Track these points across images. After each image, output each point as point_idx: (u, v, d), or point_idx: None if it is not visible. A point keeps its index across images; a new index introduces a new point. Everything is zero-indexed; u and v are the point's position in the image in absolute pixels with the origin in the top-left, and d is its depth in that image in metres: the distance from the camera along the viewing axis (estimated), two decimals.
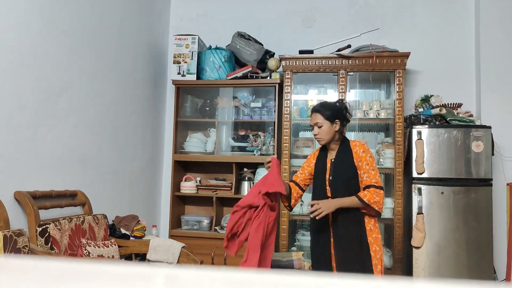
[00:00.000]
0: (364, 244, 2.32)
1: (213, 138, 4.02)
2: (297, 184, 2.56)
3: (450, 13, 4.01)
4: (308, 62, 3.66)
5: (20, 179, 2.44)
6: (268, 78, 3.86)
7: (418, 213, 3.33)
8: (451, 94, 3.79)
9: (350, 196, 2.33)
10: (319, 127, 2.45)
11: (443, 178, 3.36)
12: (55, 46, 2.72)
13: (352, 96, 3.80)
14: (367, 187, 2.32)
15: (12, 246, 2.03)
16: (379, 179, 2.35)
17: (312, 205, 2.32)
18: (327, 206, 2.31)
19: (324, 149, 2.53)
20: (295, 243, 3.73)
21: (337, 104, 2.52)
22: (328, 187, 2.42)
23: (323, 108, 2.47)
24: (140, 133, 3.89)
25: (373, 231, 2.35)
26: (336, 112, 2.45)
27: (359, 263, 2.31)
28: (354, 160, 2.38)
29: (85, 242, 2.57)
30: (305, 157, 3.77)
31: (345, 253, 2.36)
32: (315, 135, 2.48)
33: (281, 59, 3.73)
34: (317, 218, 2.28)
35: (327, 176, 2.44)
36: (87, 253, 2.54)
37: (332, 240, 2.39)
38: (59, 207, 2.64)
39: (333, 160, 2.45)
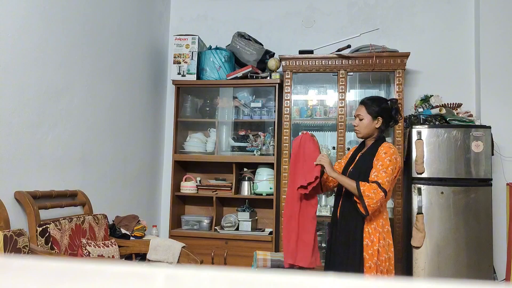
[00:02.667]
0: (356, 246, 2.30)
1: (213, 138, 4.02)
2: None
3: (450, 13, 4.01)
4: (308, 62, 3.66)
5: (20, 179, 2.44)
6: (268, 78, 3.86)
7: (418, 213, 3.33)
8: (451, 94, 3.79)
9: (352, 180, 2.33)
10: (360, 120, 2.44)
11: (443, 178, 3.36)
12: (55, 46, 2.72)
13: (352, 96, 3.80)
14: (372, 182, 2.27)
15: (12, 246, 2.03)
16: (386, 183, 2.24)
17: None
18: (326, 161, 2.39)
19: (363, 144, 2.54)
20: None
21: (388, 102, 2.47)
22: None
23: (369, 102, 2.45)
24: (140, 133, 3.89)
25: (372, 234, 2.31)
26: (381, 110, 2.41)
27: (348, 263, 2.31)
28: (374, 159, 2.35)
29: (85, 242, 2.57)
30: None
31: (336, 251, 2.39)
32: (354, 126, 2.49)
33: (281, 59, 3.73)
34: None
35: (350, 167, 2.47)
36: (87, 253, 2.54)
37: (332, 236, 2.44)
38: (59, 207, 2.64)
39: (360, 155, 2.47)
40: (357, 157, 2.48)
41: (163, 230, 4.12)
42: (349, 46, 3.60)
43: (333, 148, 3.69)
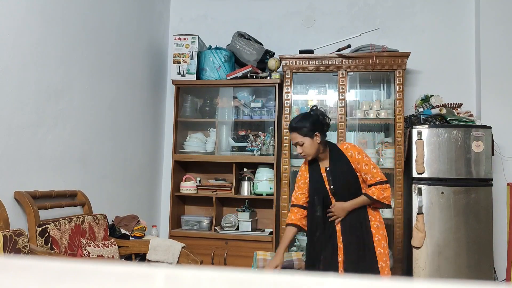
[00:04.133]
0: (369, 247, 2.33)
1: (213, 138, 4.02)
2: (301, 206, 2.49)
3: (450, 13, 4.01)
4: (308, 62, 3.66)
5: (20, 179, 2.44)
6: (268, 78, 3.86)
7: (418, 213, 3.33)
8: (451, 94, 3.79)
9: (358, 197, 2.36)
10: (301, 145, 2.39)
11: (443, 178, 3.36)
12: (55, 46, 2.72)
13: (352, 96, 3.80)
14: (374, 184, 2.36)
15: (12, 246, 2.03)
16: (381, 174, 2.38)
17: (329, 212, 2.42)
18: (341, 210, 2.36)
19: (313, 160, 2.47)
20: (295, 243, 3.72)
21: (311, 113, 2.44)
22: (332, 197, 2.41)
23: (300, 125, 2.39)
24: (140, 133, 3.89)
25: (380, 228, 2.39)
26: (312, 125, 2.37)
27: (365, 266, 2.31)
28: (352, 164, 2.36)
29: (85, 242, 2.57)
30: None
31: (351, 257, 2.36)
32: (300, 153, 2.42)
33: (281, 59, 3.73)
34: (335, 223, 2.39)
35: (327, 186, 2.41)
36: (87, 253, 2.53)
37: (340, 245, 2.38)
38: (59, 207, 2.64)
39: (328, 169, 2.42)
40: (325, 173, 2.43)
41: (163, 230, 4.11)
42: (349, 46, 3.60)
43: None
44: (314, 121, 2.39)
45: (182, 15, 4.48)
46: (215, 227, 3.83)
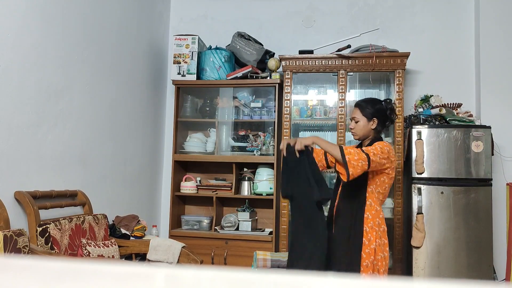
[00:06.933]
0: (355, 245, 2.30)
1: (213, 138, 4.02)
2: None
3: (450, 13, 4.01)
4: (308, 62, 3.66)
5: (20, 179, 2.44)
6: (268, 78, 3.86)
7: (418, 213, 3.33)
8: (451, 94, 3.79)
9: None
10: (356, 122, 2.47)
11: (443, 178, 3.36)
12: (55, 46, 2.72)
13: (352, 96, 3.80)
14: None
15: (12, 246, 2.03)
16: (371, 151, 2.24)
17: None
18: (301, 139, 2.40)
19: (360, 145, 2.56)
20: None
21: (383, 103, 2.49)
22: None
23: (364, 104, 2.47)
24: (140, 133, 3.89)
25: (369, 233, 2.32)
26: (376, 111, 2.44)
27: (345, 262, 2.31)
28: None
29: (85, 242, 2.57)
30: None
31: (333, 250, 2.37)
32: (351, 128, 2.52)
33: (281, 59, 3.73)
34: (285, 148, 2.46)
35: None
36: (87, 253, 2.54)
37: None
38: (59, 207, 2.64)
39: None
40: None
41: (163, 230, 4.12)
42: (349, 46, 3.60)
43: None
44: (379, 109, 2.46)
45: (182, 15, 4.49)
46: (215, 227, 3.83)
